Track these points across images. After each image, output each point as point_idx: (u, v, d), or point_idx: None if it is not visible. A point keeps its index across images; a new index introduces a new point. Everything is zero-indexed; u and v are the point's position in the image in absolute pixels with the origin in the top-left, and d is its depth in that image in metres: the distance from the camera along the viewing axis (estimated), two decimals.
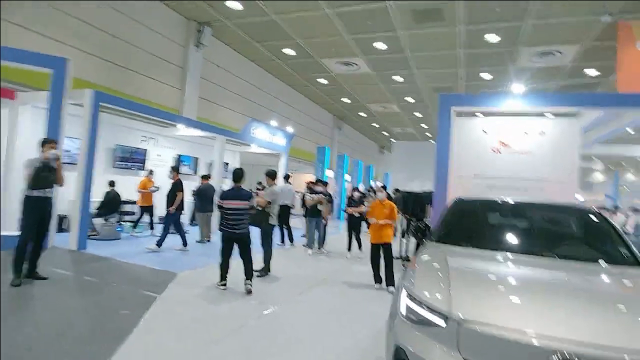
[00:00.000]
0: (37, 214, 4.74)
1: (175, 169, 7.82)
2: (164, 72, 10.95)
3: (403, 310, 2.38)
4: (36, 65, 6.55)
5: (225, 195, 5.25)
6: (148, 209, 9.16)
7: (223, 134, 10.80)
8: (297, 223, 10.41)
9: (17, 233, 4.79)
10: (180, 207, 7.54)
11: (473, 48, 11.55)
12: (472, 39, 10.91)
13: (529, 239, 3.39)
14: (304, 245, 8.82)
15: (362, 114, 21.80)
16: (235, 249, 5.26)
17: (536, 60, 11.97)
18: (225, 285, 5.18)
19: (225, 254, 5.21)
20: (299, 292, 5.39)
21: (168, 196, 7.52)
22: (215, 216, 8.34)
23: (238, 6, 10.20)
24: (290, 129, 14.85)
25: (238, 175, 5.35)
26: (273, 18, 10.64)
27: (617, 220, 10.24)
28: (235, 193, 5.24)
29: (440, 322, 2.14)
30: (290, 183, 9.72)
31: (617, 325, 2.01)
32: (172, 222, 7.49)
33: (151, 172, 9.43)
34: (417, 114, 20.73)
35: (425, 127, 23.76)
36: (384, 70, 14.18)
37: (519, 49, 11.29)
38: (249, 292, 5.03)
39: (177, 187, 7.53)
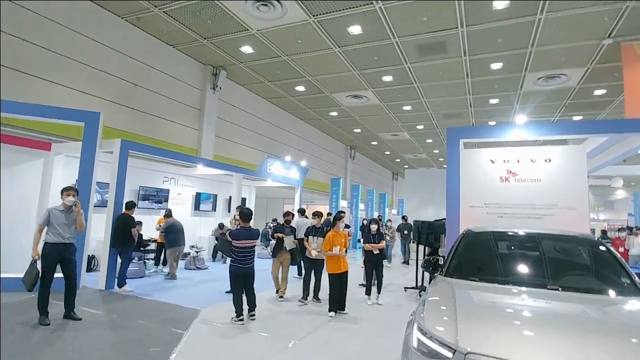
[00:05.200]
0: (54, 258, 5.03)
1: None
2: (183, 115, 11.58)
3: (414, 344, 2.53)
4: (73, 120, 7.09)
5: (235, 235, 5.56)
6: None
7: (239, 171, 11.22)
8: None
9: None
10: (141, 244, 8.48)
11: (479, 76, 11.88)
12: (477, 67, 11.25)
13: (535, 270, 3.50)
14: (299, 300, 6.87)
15: (374, 142, 22.18)
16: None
17: (542, 84, 12.19)
18: (242, 320, 5.40)
19: (238, 289, 5.50)
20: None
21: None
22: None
23: (249, 49, 10.86)
24: (304, 163, 15.24)
25: (247, 215, 5.67)
26: (284, 59, 11.26)
27: (635, 240, 10.01)
28: (245, 232, 5.58)
29: (448, 354, 2.28)
30: (306, 217, 9.90)
31: (624, 357, 2.09)
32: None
33: (169, 212, 9.51)
34: (428, 140, 20.99)
35: (437, 152, 23.94)
36: (393, 100, 14.60)
37: (524, 74, 11.56)
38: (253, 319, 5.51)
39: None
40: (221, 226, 10.27)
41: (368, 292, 6.94)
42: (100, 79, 9.17)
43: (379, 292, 6.91)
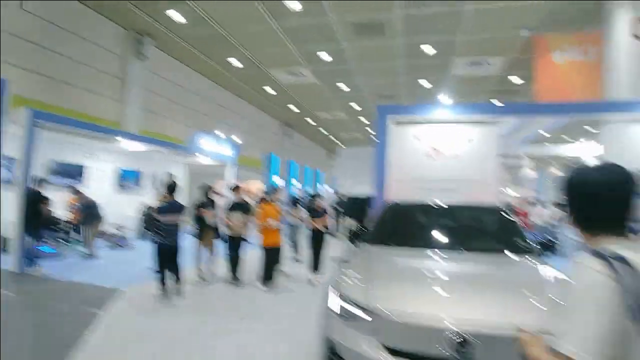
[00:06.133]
0: None
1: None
2: (104, 85, 10.52)
3: (334, 308, 2.65)
4: None
5: (160, 210, 5.34)
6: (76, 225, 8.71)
7: (168, 147, 10.55)
8: None
9: None
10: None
11: (413, 58, 12.27)
12: (411, 50, 11.60)
13: (448, 236, 3.86)
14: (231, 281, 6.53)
15: (310, 121, 22.16)
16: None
17: (469, 69, 12.96)
18: (168, 297, 5.26)
19: (163, 266, 5.31)
20: None
21: None
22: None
23: (181, 19, 10.07)
24: (237, 139, 14.78)
25: (172, 188, 5.44)
26: (219, 31, 10.63)
27: (539, 212, 11.30)
28: (170, 207, 5.36)
29: (365, 316, 2.44)
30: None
31: (506, 305, 2.42)
32: None
33: (76, 190, 8.68)
34: (363, 120, 21.46)
35: (372, 132, 24.65)
36: (330, 79, 14.61)
37: (453, 59, 12.18)
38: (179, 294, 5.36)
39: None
40: (151, 207, 9.67)
41: (315, 269, 6.73)
42: (7, 42, 7.94)
43: (316, 269, 6.71)
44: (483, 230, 4.09)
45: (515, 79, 13.65)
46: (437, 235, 3.88)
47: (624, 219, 1.13)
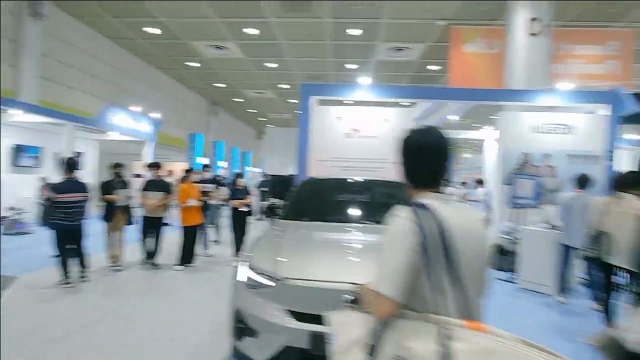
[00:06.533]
0: None
1: None
2: None
3: (242, 278, 2.77)
4: None
5: (59, 188, 4.92)
6: None
7: (72, 120, 9.52)
8: None
9: None
10: None
11: (339, 40, 12.41)
12: (338, 31, 11.71)
13: (355, 209, 4.13)
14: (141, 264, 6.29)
15: (237, 99, 21.49)
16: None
17: (392, 54, 13.48)
18: (71, 283, 4.92)
19: (65, 249, 4.94)
20: None
21: None
22: None
23: None
24: (156, 115, 13.82)
25: (72, 165, 5.03)
26: None
27: (449, 192, 12.40)
28: (71, 185, 4.95)
29: (270, 283, 2.61)
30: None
31: None
32: None
33: None
34: (292, 101, 21.36)
35: (301, 112, 24.65)
36: (257, 56, 14.21)
37: (378, 44, 12.56)
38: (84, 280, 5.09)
39: None
40: (48, 184, 8.70)
41: (237, 251, 6.55)
42: None
43: (238, 250, 6.53)
44: (390, 204, 4.37)
45: (433, 67, 14.53)
46: (346, 209, 4.13)
47: (439, 175, 1.37)
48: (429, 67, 14.54)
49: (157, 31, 12.16)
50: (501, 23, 9.71)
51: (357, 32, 11.68)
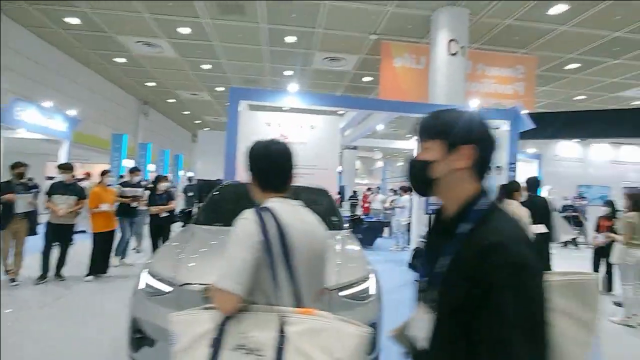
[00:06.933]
0: None
1: None
2: None
3: (141, 286, 2.71)
4: None
5: None
6: None
7: None
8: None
9: None
10: None
11: (276, 46, 12.45)
12: (274, 37, 11.75)
13: None
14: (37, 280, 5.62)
15: (171, 100, 20.57)
16: None
17: (328, 64, 13.83)
18: None
19: None
20: None
21: None
22: None
23: None
24: (74, 112, 12.73)
25: None
26: None
27: (375, 199, 12.99)
28: None
29: (169, 289, 2.59)
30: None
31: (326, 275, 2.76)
32: None
33: None
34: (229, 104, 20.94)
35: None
36: (191, 56, 13.77)
37: (314, 52, 12.81)
38: None
39: None
40: None
41: None
42: None
43: None
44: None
45: (368, 77, 15.15)
46: None
47: (284, 181, 1.55)
48: (364, 78, 15.13)
49: (78, 21, 11.27)
50: (426, 42, 10.46)
51: (293, 39, 11.82)
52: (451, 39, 9.05)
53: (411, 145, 12.29)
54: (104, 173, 6.14)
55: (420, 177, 1.13)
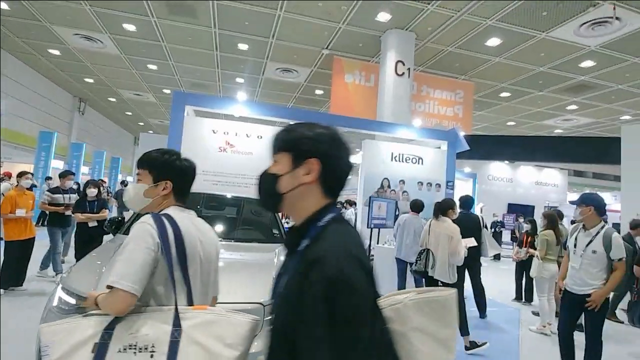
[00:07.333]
0: None
1: None
2: None
3: (54, 302, 2.47)
4: None
5: None
6: None
7: None
8: None
9: None
10: None
11: (227, 52, 12.25)
12: (226, 43, 11.56)
13: (220, 225, 4.06)
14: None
15: (111, 98, 19.36)
16: None
17: (280, 74, 13.85)
18: None
19: None
20: None
21: None
22: None
23: None
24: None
25: None
26: None
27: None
28: None
29: (75, 302, 2.40)
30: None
31: (247, 285, 2.76)
32: None
33: None
34: None
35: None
36: (137, 55, 13.11)
37: (266, 62, 12.78)
38: None
39: None
40: None
41: None
42: None
43: None
44: (251, 221, 4.46)
45: (318, 91, 15.38)
46: (214, 224, 4.00)
47: (183, 192, 1.67)
48: (317, 91, 15.33)
49: (6, 6, 10.31)
50: (377, 61, 10.87)
51: (245, 46, 11.71)
52: (399, 60, 9.49)
53: (358, 160, 12.53)
54: (20, 175, 5.49)
55: (268, 191, 1.10)
